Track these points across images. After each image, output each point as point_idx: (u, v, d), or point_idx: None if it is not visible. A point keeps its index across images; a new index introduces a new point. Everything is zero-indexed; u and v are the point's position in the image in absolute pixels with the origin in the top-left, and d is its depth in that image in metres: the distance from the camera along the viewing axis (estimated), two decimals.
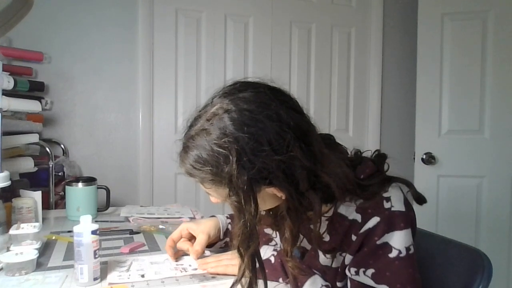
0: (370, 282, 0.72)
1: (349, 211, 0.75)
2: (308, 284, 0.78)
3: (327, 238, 0.78)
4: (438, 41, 2.20)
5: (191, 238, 1.02)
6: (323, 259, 0.80)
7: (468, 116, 2.19)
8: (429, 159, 2.19)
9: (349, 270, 0.76)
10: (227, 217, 1.11)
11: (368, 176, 0.76)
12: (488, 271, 0.86)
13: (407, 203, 0.74)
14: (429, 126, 2.23)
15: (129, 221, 1.33)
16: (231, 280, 0.82)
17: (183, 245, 1.00)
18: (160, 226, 1.23)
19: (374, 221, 0.72)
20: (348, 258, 0.76)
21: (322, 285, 0.78)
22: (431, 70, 2.22)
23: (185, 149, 0.70)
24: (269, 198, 0.73)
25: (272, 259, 0.86)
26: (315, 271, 0.82)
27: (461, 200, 2.20)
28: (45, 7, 2.02)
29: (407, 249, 0.71)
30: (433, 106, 2.22)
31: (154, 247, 1.06)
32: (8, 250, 0.93)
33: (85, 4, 2.13)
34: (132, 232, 1.19)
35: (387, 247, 0.71)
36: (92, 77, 2.17)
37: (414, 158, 2.25)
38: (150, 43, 2.24)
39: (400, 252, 0.71)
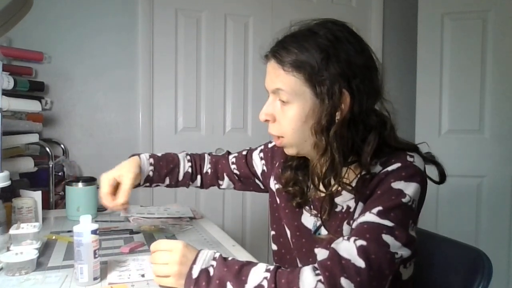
0: (374, 218, 0.71)
1: (373, 169, 0.77)
2: (252, 272, 0.72)
3: (350, 200, 0.80)
4: (438, 41, 2.20)
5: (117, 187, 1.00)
6: (347, 230, 0.80)
7: (468, 116, 2.19)
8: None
9: (356, 219, 0.75)
10: (152, 165, 1.06)
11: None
12: (488, 271, 0.86)
13: (425, 170, 0.78)
14: (429, 126, 2.23)
15: (129, 221, 1.33)
16: None
17: (107, 202, 0.96)
18: (160, 226, 1.23)
19: (394, 166, 0.75)
20: (359, 208, 0.77)
21: (266, 268, 0.72)
22: (431, 70, 2.22)
23: (286, 37, 0.81)
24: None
25: (265, 284, 0.69)
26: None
27: (461, 200, 2.20)
28: (45, 7, 2.02)
29: (414, 201, 0.74)
30: (433, 106, 2.22)
31: None
32: (8, 250, 0.93)
33: (85, 3, 2.13)
34: (132, 232, 1.19)
35: (401, 193, 0.73)
36: (92, 77, 2.17)
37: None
38: (149, 43, 2.24)
39: (410, 200, 0.73)
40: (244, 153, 1.14)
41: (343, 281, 0.66)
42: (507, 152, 2.13)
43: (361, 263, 0.67)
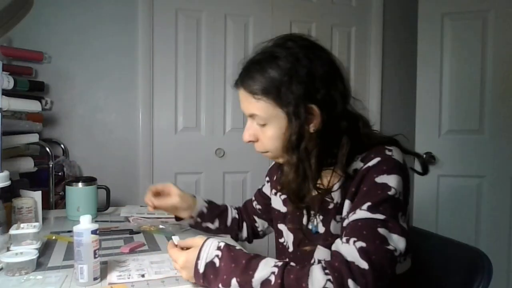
0: (366, 215, 0.75)
1: (355, 165, 0.82)
2: (260, 266, 0.74)
3: (337, 196, 0.84)
4: (438, 41, 2.20)
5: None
6: (334, 226, 0.84)
7: (468, 116, 2.19)
8: (429, 159, 2.18)
9: (347, 217, 0.78)
10: (206, 202, 1.17)
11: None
12: (488, 271, 0.86)
13: (404, 163, 0.81)
14: (429, 126, 2.23)
15: (129, 221, 1.33)
16: None
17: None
18: (160, 226, 1.23)
19: (374, 161, 0.79)
20: (347, 205, 0.81)
21: (275, 264, 0.74)
22: (431, 70, 2.22)
23: (250, 64, 0.84)
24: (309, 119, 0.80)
25: (272, 278, 0.72)
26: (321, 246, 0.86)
27: (461, 200, 2.20)
28: (45, 7, 2.02)
29: (400, 193, 0.77)
30: (433, 106, 2.22)
31: (154, 247, 1.06)
32: (8, 250, 0.93)
33: (85, 3, 2.13)
34: (132, 232, 1.19)
35: (386, 186, 0.76)
36: (92, 77, 2.17)
37: (414, 158, 2.25)
38: (150, 43, 2.24)
39: (396, 192, 0.76)
40: (260, 187, 1.21)
41: (350, 282, 0.69)
42: (507, 152, 2.12)
43: (364, 265, 0.70)
